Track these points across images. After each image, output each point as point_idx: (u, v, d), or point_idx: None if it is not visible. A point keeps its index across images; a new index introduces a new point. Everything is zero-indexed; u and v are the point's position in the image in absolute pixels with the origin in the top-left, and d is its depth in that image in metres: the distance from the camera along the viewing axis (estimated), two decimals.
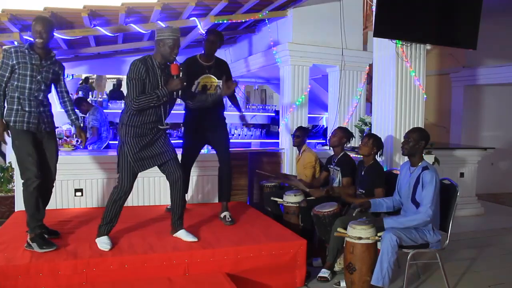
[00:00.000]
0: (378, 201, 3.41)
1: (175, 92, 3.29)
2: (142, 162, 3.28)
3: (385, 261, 2.92)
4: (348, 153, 4.23)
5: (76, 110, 3.70)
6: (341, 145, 4.15)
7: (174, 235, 3.43)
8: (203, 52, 4.00)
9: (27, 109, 3.18)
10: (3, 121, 3.15)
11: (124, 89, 8.74)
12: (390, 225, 3.09)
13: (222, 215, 4.00)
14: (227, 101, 7.20)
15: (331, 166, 4.19)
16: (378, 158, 3.79)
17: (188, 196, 4.74)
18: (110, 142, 6.38)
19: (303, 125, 5.27)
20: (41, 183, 3.26)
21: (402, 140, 3.35)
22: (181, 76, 3.22)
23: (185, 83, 3.25)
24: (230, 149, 4.16)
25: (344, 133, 4.16)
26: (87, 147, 6.10)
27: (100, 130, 6.06)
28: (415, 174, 3.19)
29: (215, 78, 3.96)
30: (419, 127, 3.69)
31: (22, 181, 3.16)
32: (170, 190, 3.45)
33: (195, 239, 3.34)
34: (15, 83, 3.16)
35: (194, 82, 3.91)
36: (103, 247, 3.13)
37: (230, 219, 3.92)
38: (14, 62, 3.13)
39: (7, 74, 3.14)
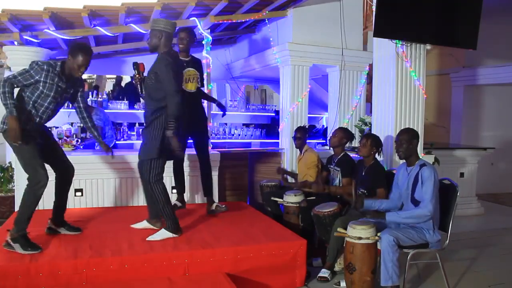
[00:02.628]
0: (372, 203, 3.39)
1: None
2: None
3: (388, 261, 2.92)
4: (348, 153, 4.23)
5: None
6: (341, 146, 4.15)
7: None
8: (178, 50, 4.16)
9: (36, 121, 3.18)
10: (16, 118, 2.98)
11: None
12: (391, 218, 3.11)
13: (213, 207, 4.18)
14: (227, 102, 7.17)
15: (331, 166, 4.19)
16: (378, 158, 3.78)
17: (187, 196, 4.75)
18: (117, 142, 6.41)
19: (301, 125, 5.22)
20: (62, 177, 3.41)
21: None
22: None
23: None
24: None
25: (344, 134, 4.17)
26: (94, 147, 6.13)
27: (104, 129, 6.13)
28: (413, 173, 3.19)
29: (194, 70, 4.17)
30: (406, 127, 3.67)
31: (28, 183, 3.12)
32: None
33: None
34: (33, 98, 3.11)
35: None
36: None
37: (223, 206, 4.16)
38: (41, 79, 3.07)
39: (24, 83, 3.07)
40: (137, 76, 3.82)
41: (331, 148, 4.30)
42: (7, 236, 3.07)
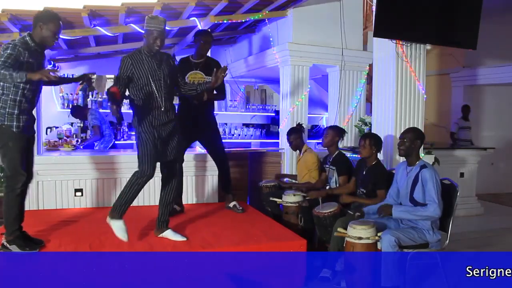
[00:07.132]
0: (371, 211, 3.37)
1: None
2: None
3: (390, 262, 2.92)
4: (348, 153, 4.23)
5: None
6: (334, 144, 4.17)
7: (160, 235, 3.41)
8: (194, 52, 4.18)
9: (30, 110, 3.04)
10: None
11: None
12: (398, 214, 3.11)
13: (231, 205, 4.24)
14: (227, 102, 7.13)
15: (327, 166, 4.20)
16: (378, 156, 3.78)
17: (187, 196, 4.75)
18: (116, 142, 6.41)
19: (293, 126, 4.98)
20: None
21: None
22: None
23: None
24: (225, 148, 4.37)
25: (334, 132, 4.19)
26: (93, 147, 6.13)
27: (102, 128, 6.16)
28: (413, 173, 3.19)
29: (202, 74, 4.13)
30: (413, 127, 3.69)
31: (6, 184, 2.99)
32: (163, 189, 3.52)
33: (184, 238, 3.35)
34: (21, 84, 2.87)
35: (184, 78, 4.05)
36: (120, 234, 3.17)
37: (240, 207, 4.20)
38: (24, 60, 2.83)
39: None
40: None
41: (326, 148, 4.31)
42: (2, 240, 3.03)
